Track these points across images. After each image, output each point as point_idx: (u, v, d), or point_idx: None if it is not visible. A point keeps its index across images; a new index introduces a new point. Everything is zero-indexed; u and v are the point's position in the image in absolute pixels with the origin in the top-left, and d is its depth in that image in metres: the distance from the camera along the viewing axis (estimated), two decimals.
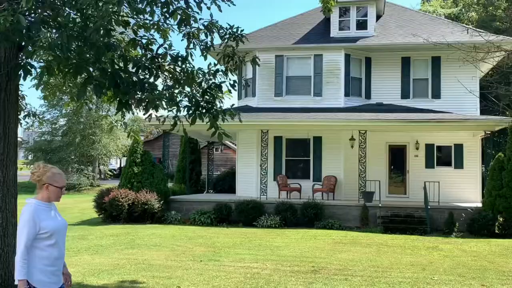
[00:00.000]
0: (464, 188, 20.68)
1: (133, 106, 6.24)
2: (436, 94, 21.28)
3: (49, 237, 4.15)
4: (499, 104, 7.76)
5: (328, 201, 19.33)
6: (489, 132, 18.95)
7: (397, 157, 21.73)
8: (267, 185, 19.78)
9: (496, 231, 16.39)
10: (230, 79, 7.08)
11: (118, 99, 6.15)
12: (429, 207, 17.49)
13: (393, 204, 18.84)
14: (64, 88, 8.73)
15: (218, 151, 45.03)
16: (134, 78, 5.99)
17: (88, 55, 5.89)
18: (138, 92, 5.98)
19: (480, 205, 17.96)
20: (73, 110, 36.34)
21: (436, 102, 21.12)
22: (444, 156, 21.37)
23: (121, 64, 6.24)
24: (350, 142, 20.52)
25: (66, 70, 5.88)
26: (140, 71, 6.16)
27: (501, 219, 16.38)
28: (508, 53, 7.30)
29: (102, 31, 5.71)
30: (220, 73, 6.96)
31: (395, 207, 18.48)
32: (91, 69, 5.95)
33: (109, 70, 5.90)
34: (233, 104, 7.30)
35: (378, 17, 23.47)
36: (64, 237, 4.33)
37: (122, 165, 51.58)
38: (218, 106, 6.90)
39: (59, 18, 5.83)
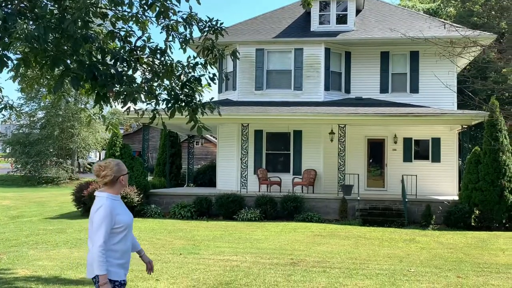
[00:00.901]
0: (441, 181, 20.99)
1: (111, 99, 6.21)
2: (414, 89, 21.53)
3: (123, 231, 4.20)
4: (475, 98, 7.91)
5: (308, 194, 19.45)
6: (466, 126, 19.24)
7: (376, 150, 21.95)
8: (247, 178, 19.83)
9: (472, 224, 16.68)
10: (209, 72, 7.06)
11: (96, 91, 6.11)
12: (406, 200, 17.73)
13: (371, 197, 19.04)
14: (42, 80, 8.63)
15: (198, 144, 45.00)
16: (112, 71, 5.95)
17: (65, 47, 5.83)
18: (116, 85, 5.94)
19: (456, 198, 18.26)
20: (51, 103, 35.93)
21: (414, 97, 21.36)
22: (421, 150, 21.65)
23: (99, 57, 6.19)
24: (330, 136, 20.67)
25: (43, 62, 5.82)
26: (118, 63, 6.11)
27: (477, 211, 16.68)
28: (484, 48, 7.43)
29: (79, 23, 5.66)
30: (200, 66, 6.94)
31: (373, 200, 18.69)
32: (68, 61, 5.90)
33: (87, 62, 5.85)
34: (212, 98, 7.30)
35: (358, 11, 23.61)
36: (132, 230, 4.38)
37: (101, 159, 51.14)
38: (198, 99, 6.89)
39: (36, 9, 5.76)
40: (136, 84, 6.15)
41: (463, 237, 14.63)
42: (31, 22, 5.81)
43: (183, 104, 6.60)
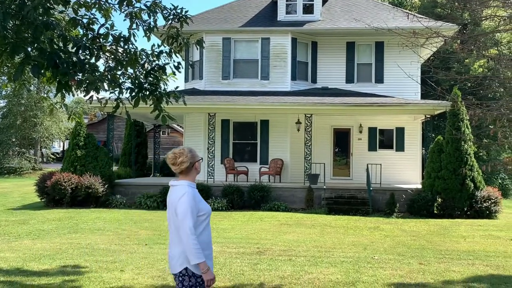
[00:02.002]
0: (405, 170, 21.38)
1: (73, 88, 6.08)
2: (379, 79, 21.80)
3: (205, 219, 4.14)
4: (437, 88, 8.07)
5: (275, 183, 19.54)
6: (429, 116, 19.59)
7: (342, 140, 22.19)
8: (214, 168, 19.79)
9: (435, 212, 17.04)
10: (174, 61, 6.99)
11: (57, 80, 5.98)
12: (371, 188, 18.00)
13: (337, 186, 19.26)
14: (2, 68, 8.40)
15: (164, 134, 44.64)
16: (74, 59, 5.82)
17: (26, 34, 5.68)
18: (78, 73, 5.82)
19: (420, 186, 18.62)
20: (12, 92, 35.06)
21: (379, 87, 21.65)
22: (386, 139, 21.99)
23: (61, 44, 6.05)
24: (297, 126, 20.78)
25: (3, 49, 5.66)
26: (80, 51, 5.98)
27: (439, 199, 17.03)
28: (446, 39, 7.56)
29: (40, 10, 5.51)
30: (164, 54, 6.86)
31: (339, 189, 18.91)
32: (29, 48, 5.74)
33: (48, 50, 5.71)
34: (177, 87, 7.22)
35: (324, 1, 23.73)
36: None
37: (65, 148, 50.30)
38: (162, 88, 6.82)
39: None
40: (99, 73, 6.03)
41: (425, 224, 14.94)
42: None
43: (148, 93, 6.53)
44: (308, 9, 22.37)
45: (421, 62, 20.76)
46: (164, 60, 6.86)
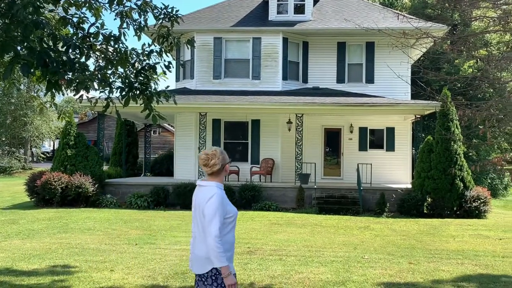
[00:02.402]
0: (395, 169, 21.48)
1: (63, 87, 6.06)
2: (370, 79, 21.88)
3: (232, 221, 4.13)
4: (427, 89, 8.12)
5: (266, 183, 19.55)
6: (419, 116, 19.70)
7: (332, 140, 22.25)
8: None
9: (425, 211, 17.14)
10: (165, 60, 6.98)
11: (47, 79, 5.95)
12: (361, 188, 18.05)
13: (328, 185, 19.30)
14: None
15: (155, 133, 44.55)
16: (64, 58, 5.79)
17: (15, 33, 5.65)
18: (68, 72, 5.80)
19: (410, 186, 18.71)
20: (2, 90, 34.85)
21: (370, 87, 21.73)
22: (376, 139, 22.07)
23: (50, 43, 6.03)
24: (288, 125, 20.82)
25: None
26: (70, 50, 5.96)
27: (429, 199, 17.13)
28: (436, 39, 7.60)
29: (30, 8, 5.49)
30: (155, 54, 6.85)
31: (329, 188, 18.96)
32: (18, 47, 5.71)
33: (38, 49, 5.69)
34: (168, 86, 7.20)
35: (316, 1, 23.77)
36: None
37: (55, 148, 50.05)
38: (153, 87, 6.81)
39: None
40: (89, 72, 6.01)
41: (415, 224, 15.02)
42: None
43: (138, 92, 6.51)
44: (299, 9, 22.40)
45: (411, 63, 20.85)
46: (155, 60, 6.84)
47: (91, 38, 6.44)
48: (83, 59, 6.19)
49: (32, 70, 5.76)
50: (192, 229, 4.29)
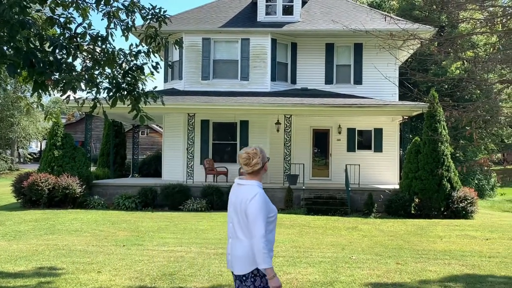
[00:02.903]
0: (383, 170, 21.58)
1: (50, 87, 6.01)
2: (358, 80, 21.97)
3: (274, 220, 4.05)
4: (414, 90, 8.18)
5: None
6: (407, 117, 19.81)
7: (321, 141, 22.31)
8: (193, 168, 19.74)
9: (412, 212, 17.23)
10: (152, 61, 6.96)
11: (33, 79, 5.91)
12: (350, 189, 18.11)
13: (316, 186, 19.35)
14: None
15: (144, 134, 44.39)
16: (51, 58, 5.75)
17: (1, 33, 5.60)
18: (54, 73, 5.76)
19: (397, 187, 18.80)
20: None
21: (358, 88, 21.82)
22: (364, 140, 22.16)
23: (37, 43, 5.98)
24: (276, 126, 20.84)
25: None
26: (57, 50, 5.92)
27: (416, 200, 17.22)
28: (422, 41, 7.66)
29: (16, 8, 5.44)
30: (142, 54, 6.82)
31: (318, 189, 19.00)
32: (4, 47, 5.66)
33: (24, 49, 5.65)
34: (156, 87, 7.18)
35: (304, 3, 23.82)
36: None
37: (42, 149, 49.67)
38: (140, 88, 6.78)
39: None
40: (76, 72, 5.98)
41: (403, 224, 15.09)
42: None
43: (125, 93, 6.48)
44: (288, 10, 22.44)
45: (398, 64, 20.97)
46: (142, 60, 6.82)
47: (78, 39, 6.41)
48: (70, 60, 6.15)
49: (18, 71, 5.71)
50: (228, 229, 4.23)
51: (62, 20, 6.58)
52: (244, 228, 3.99)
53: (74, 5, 6.65)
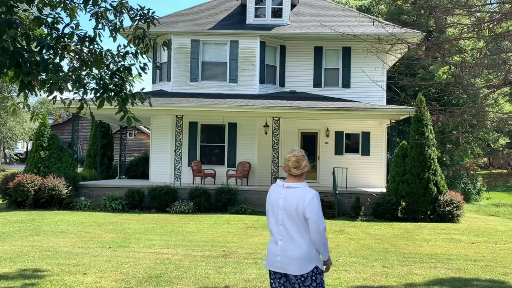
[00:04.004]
0: (370, 174, 21.66)
1: (36, 88, 5.97)
2: (346, 84, 22.05)
3: None
4: (401, 94, 8.25)
5: (242, 186, 19.53)
6: (394, 121, 19.91)
7: (309, 143, 22.33)
8: (181, 170, 19.67)
9: (399, 215, 17.32)
10: (140, 62, 6.93)
11: (20, 79, 5.86)
12: (337, 192, 18.16)
13: None
14: None
15: (131, 136, 44.20)
16: (38, 58, 5.71)
17: None
18: (41, 73, 5.72)
19: (384, 190, 18.87)
20: None
21: (346, 91, 21.89)
22: (352, 144, 22.24)
23: (24, 43, 5.93)
24: (264, 129, 20.85)
25: None
26: (44, 50, 5.88)
27: (403, 203, 17.31)
28: (410, 45, 7.71)
29: (3, 8, 5.40)
30: (130, 55, 6.80)
31: None
32: None
33: (11, 48, 5.60)
34: (143, 88, 7.15)
35: (293, 6, 23.87)
36: None
37: (29, 149, 49.26)
38: (128, 89, 6.75)
39: None
40: (62, 73, 5.94)
41: (390, 228, 15.16)
42: None
43: (113, 94, 6.45)
44: (277, 13, 22.47)
45: (386, 68, 21.09)
46: (130, 61, 6.79)
47: (66, 39, 6.37)
48: (57, 60, 6.11)
49: (4, 70, 5.67)
50: (273, 232, 4.36)
51: (49, 20, 6.53)
52: (302, 229, 4.18)
53: (62, 5, 6.61)
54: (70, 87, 6.09)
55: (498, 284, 8.38)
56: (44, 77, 5.86)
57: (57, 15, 6.61)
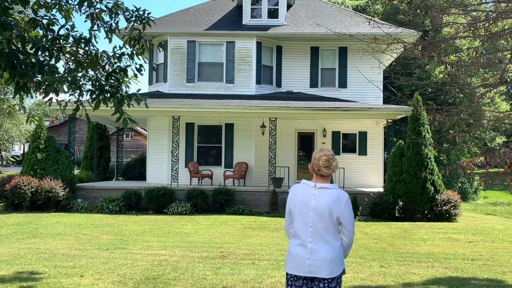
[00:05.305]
0: (368, 173, 21.68)
1: (32, 89, 5.95)
2: (343, 84, 22.06)
3: None
4: (397, 93, 8.26)
5: (239, 187, 19.52)
6: (391, 121, 19.93)
7: (306, 144, 22.35)
8: (178, 171, 19.65)
9: (396, 215, 17.32)
10: (136, 63, 6.92)
11: (15, 81, 5.84)
12: None
13: None
14: None
15: (128, 137, 44.14)
16: (33, 60, 5.70)
17: None
18: (37, 75, 5.70)
19: (382, 190, 18.89)
20: None
21: (342, 91, 21.90)
22: (349, 143, 22.25)
23: (19, 45, 5.92)
24: (261, 129, 20.85)
25: None
26: (39, 52, 5.86)
27: (401, 203, 17.31)
28: (406, 45, 7.71)
29: None
30: (126, 56, 6.79)
31: None
32: None
33: (6, 50, 5.58)
34: (139, 89, 7.14)
35: (289, 6, 23.88)
36: None
37: (25, 151, 49.17)
38: (124, 90, 6.74)
39: None
40: (58, 74, 5.92)
41: (387, 227, 15.16)
42: None
43: (108, 95, 6.44)
44: (273, 13, 22.48)
45: (383, 68, 21.11)
46: (126, 62, 6.78)
47: (61, 40, 6.35)
48: (52, 62, 6.10)
49: (0, 72, 5.65)
50: (300, 234, 4.19)
51: (44, 21, 6.52)
52: (335, 230, 4.13)
53: (57, 6, 6.59)
54: (65, 89, 6.07)
55: (496, 283, 8.39)
56: (39, 78, 5.85)
57: (52, 17, 6.60)
